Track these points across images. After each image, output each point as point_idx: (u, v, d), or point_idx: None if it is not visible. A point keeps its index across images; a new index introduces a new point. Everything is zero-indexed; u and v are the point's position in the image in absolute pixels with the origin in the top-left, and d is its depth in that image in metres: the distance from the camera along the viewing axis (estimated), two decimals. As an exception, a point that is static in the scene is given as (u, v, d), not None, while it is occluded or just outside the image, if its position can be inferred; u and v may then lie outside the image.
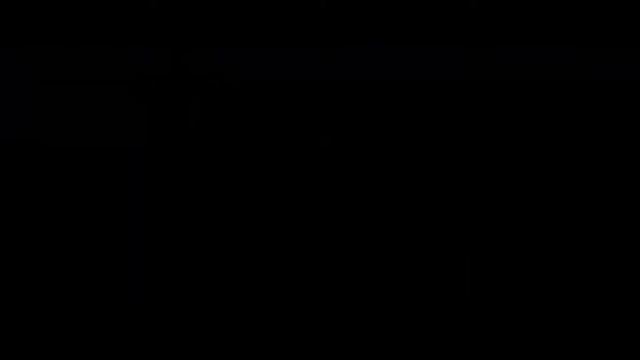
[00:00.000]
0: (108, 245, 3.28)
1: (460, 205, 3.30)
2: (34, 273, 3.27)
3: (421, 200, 3.29)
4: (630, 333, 3.23)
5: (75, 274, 3.28)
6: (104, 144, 3.31)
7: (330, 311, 3.29)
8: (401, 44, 3.30)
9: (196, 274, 3.29)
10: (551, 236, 3.28)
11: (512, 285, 3.28)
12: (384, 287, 3.29)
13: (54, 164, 3.30)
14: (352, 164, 3.31)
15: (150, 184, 3.30)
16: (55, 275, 3.27)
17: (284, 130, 3.32)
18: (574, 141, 3.29)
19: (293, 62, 3.32)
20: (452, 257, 3.29)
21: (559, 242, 3.28)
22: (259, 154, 3.31)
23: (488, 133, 3.31)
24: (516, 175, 3.29)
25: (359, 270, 3.29)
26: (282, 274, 3.29)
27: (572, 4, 3.27)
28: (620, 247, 3.27)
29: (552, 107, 3.31)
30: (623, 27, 3.31)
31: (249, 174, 3.31)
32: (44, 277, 3.27)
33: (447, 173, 3.30)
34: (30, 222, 3.28)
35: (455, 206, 3.30)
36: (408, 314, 3.27)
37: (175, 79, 3.31)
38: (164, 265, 3.28)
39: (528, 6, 3.30)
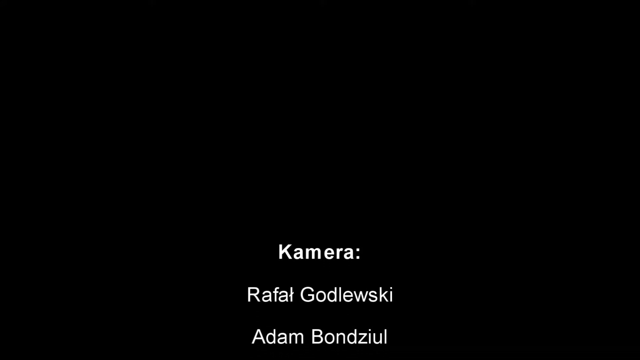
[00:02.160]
0: (108, 244, 3.29)
1: (460, 203, 3.29)
2: (34, 273, 3.28)
3: (421, 199, 3.29)
4: (630, 332, 3.22)
5: (75, 274, 3.28)
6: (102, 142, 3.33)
7: (329, 310, 3.29)
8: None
9: (196, 273, 3.29)
10: (551, 235, 3.28)
11: (512, 285, 3.27)
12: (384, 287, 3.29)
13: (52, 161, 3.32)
14: (351, 159, 3.31)
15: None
16: (55, 275, 3.28)
17: (283, 129, 3.33)
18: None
19: (293, 62, 3.33)
20: (452, 257, 3.28)
21: (558, 240, 3.27)
22: (259, 153, 3.32)
23: (489, 133, 3.31)
24: (516, 172, 3.29)
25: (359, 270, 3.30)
26: (282, 273, 3.30)
27: None
28: (620, 247, 3.26)
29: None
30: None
31: (248, 172, 3.32)
32: (44, 277, 3.27)
33: (446, 170, 3.30)
34: (30, 221, 3.29)
35: (455, 205, 3.29)
36: (408, 313, 3.27)
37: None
38: (163, 264, 3.29)
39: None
